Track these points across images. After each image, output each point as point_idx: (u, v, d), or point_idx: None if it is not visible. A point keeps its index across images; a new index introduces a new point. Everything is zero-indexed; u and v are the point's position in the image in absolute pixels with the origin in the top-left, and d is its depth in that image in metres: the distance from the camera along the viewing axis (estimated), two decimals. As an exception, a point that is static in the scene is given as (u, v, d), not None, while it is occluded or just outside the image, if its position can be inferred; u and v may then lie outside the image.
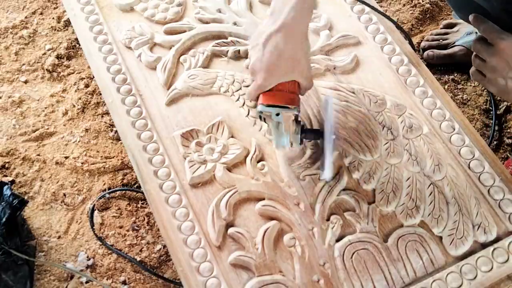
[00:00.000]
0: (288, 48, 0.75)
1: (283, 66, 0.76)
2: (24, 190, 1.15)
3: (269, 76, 0.76)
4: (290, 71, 0.77)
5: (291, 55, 0.75)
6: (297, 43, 0.76)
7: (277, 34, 0.75)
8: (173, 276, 1.04)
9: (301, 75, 0.78)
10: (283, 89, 0.78)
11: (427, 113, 0.94)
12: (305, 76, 0.79)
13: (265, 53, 0.75)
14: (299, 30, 0.76)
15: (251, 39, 0.81)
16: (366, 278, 0.80)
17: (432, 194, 0.86)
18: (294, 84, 0.79)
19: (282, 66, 0.76)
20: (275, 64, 0.75)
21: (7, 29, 1.38)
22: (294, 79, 0.78)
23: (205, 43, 1.02)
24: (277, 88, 0.78)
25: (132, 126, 0.93)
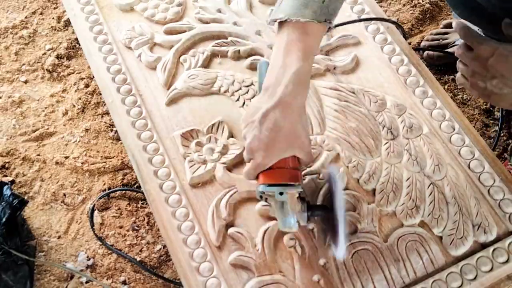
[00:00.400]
0: (287, 123, 0.71)
1: (282, 142, 0.72)
2: (24, 190, 1.15)
3: (268, 154, 0.72)
4: (290, 147, 0.73)
5: (290, 130, 0.72)
6: (296, 118, 0.72)
7: (274, 110, 0.71)
8: (173, 276, 1.04)
9: (301, 150, 0.74)
10: (284, 166, 0.74)
11: (427, 113, 0.94)
12: (305, 151, 0.75)
13: (263, 131, 0.71)
14: (297, 105, 0.72)
15: (245, 116, 0.76)
16: (366, 278, 0.80)
17: (432, 194, 0.86)
18: (294, 160, 0.75)
19: (282, 143, 0.72)
20: (274, 141, 0.72)
21: (7, 29, 1.38)
22: (294, 155, 0.74)
23: (205, 43, 1.02)
24: (277, 166, 0.73)
25: (132, 126, 0.93)
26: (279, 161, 0.73)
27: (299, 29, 0.72)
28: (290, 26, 0.72)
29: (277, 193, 0.73)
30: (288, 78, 0.71)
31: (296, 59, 0.71)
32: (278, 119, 0.71)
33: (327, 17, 0.73)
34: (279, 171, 0.74)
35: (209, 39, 1.02)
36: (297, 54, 0.71)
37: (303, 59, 0.72)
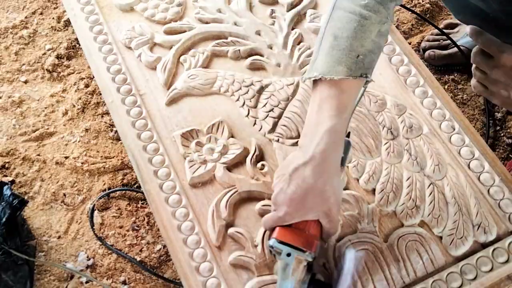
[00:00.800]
0: (317, 183, 0.69)
1: (309, 202, 0.69)
2: (24, 190, 1.15)
3: (292, 211, 0.70)
4: (315, 209, 0.70)
5: (319, 191, 0.69)
6: (327, 178, 0.70)
7: (305, 166, 0.69)
8: (173, 276, 1.04)
9: (326, 216, 0.71)
10: (303, 228, 0.70)
11: (427, 113, 0.94)
12: (331, 218, 0.72)
13: (290, 185, 0.70)
14: (330, 165, 0.70)
15: (279, 169, 0.75)
16: (366, 278, 0.80)
17: (432, 194, 0.86)
18: (317, 226, 0.71)
19: (308, 202, 0.69)
20: (300, 199, 0.69)
21: (7, 29, 1.38)
22: (318, 219, 0.71)
23: (205, 43, 1.02)
24: (297, 226, 0.70)
25: (132, 126, 0.93)
26: (301, 222, 0.70)
27: (333, 86, 0.70)
28: (324, 83, 0.71)
29: (284, 253, 0.69)
30: (320, 135, 0.70)
31: (329, 116, 0.70)
32: (308, 177, 0.69)
33: (363, 71, 0.71)
34: (296, 231, 0.70)
35: (209, 39, 1.02)
36: (330, 112, 0.70)
37: (336, 116, 0.70)
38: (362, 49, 0.71)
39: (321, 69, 0.71)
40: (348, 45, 0.70)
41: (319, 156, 0.69)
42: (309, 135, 0.71)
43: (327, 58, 0.71)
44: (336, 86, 0.70)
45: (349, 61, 0.70)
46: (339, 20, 0.72)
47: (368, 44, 0.71)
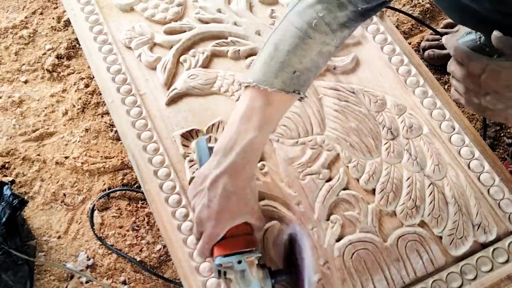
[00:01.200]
0: (237, 189, 0.70)
1: (233, 208, 0.70)
2: (24, 190, 1.15)
3: (219, 222, 0.69)
4: (240, 213, 0.71)
5: (239, 197, 0.70)
6: (245, 183, 0.71)
7: (223, 176, 0.69)
8: (173, 276, 1.04)
9: (252, 216, 0.72)
10: (237, 233, 0.71)
11: (427, 113, 0.94)
12: (256, 216, 0.73)
13: (212, 198, 0.69)
14: (246, 172, 0.71)
15: (192, 187, 0.73)
16: (366, 278, 0.80)
17: (432, 194, 0.86)
18: (246, 225, 0.72)
19: (232, 209, 0.70)
20: (224, 208, 0.69)
21: (7, 29, 1.38)
22: (247, 221, 0.72)
23: (205, 43, 1.02)
24: (230, 234, 0.70)
25: (132, 126, 0.93)
26: (231, 229, 0.70)
27: (264, 97, 0.70)
28: (256, 92, 0.70)
29: (235, 262, 0.69)
30: (241, 146, 0.69)
31: (253, 127, 0.69)
32: (227, 186, 0.69)
33: (296, 87, 0.70)
34: (234, 239, 0.70)
35: (209, 39, 1.02)
36: (256, 123, 0.69)
37: (260, 128, 0.70)
38: (299, 66, 0.70)
39: (257, 76, 0.70)
40: (287, 59, 0.70)
41: (238, 165, 0.70)
42: (228, 143, 0.70)
43: (264, 67, 0.70)
44: (267, 97, 0.70)
45: (285, 75, 0.70)
46: (284, 32, 0.71)
47: (307, 62, 0.71)
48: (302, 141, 0.91)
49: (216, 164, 0.70)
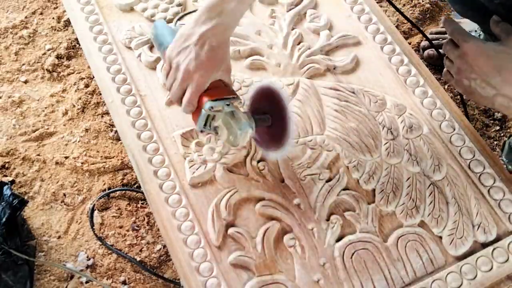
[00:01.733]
0: (220, 45, 0.78)
1: (217, 61, 0.78)
2: (24, 190, 1.15)
3: (206, 71, 0.77)
4: (222, 66, 0.79)
5: (222, 52, 0.79)
6: (226, 43, 0.80)
7: (209, 33, 0.77)
8: (173, 276, 1.04)
9: (227, 74, 0.81)
10: (218, 86, 0.79)
11: (427, 113, 0.94)
12: (229, 74, 0.82)
13: (199, 52, 0.76)
14: (227, 33, 0.80)
15: (174, 45, 0.80)
16: (366, 278, 0.80)
17: (432, 194, 0.86)
18: (224, 82, 0.81)
19: (216, 62, 0.78)
20: (211, 59, 0.77)
21: (7, 29, 1.38)
22: (221, 78, 0.80)
23: (205, 43, 1.02)
24: (212, 86, 0.78)
25: (132, 126, 0.93)
26: (211, 85, 0.78)
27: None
28: None
29: (224, 105, 0.77)
30: (226, 11, 0.77)
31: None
32: (213, 42, 0.77)
33: None
34: (218, 89, 0.78)
35: (209, 39, 1.02)
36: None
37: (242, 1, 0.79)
38: None
39: None
40: None
41: (222, 27, 0.78)
42: (215, 7, 0.77)
43: None
44: None
45: None
46: None
47: None
48: (302, 141, 0.91)
49: (202, 22, 0.78)
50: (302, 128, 0.92)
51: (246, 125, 0.77)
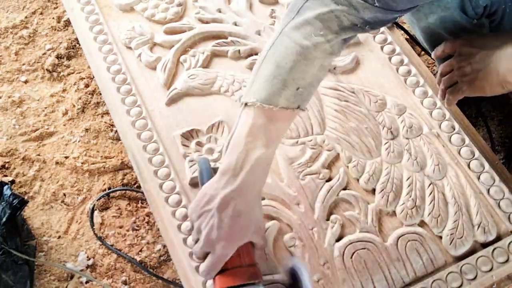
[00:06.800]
0: (247, 209, 0.69)
1: (243, 228, 0.69)
2: (24, 190, 1.15)
3: (229, 242, 0.68)
4: (248, 232, 0.70)
5: (249, 216, 0.70)
6: (254, 202, 0.71)
7: (234, 195, 0.68)
8: (173, 276, 1.04)
9: (258, 235, 0.72)
10: (241, 264, 0.69)
11: (427, 113, 0.94)
12: (261, 235, 0.73)
13: (223, 219, 0.68)
14: (256, 190, 0.71)
15: (195, 206, 0.71)
16: (366, 278, 0.80)
17: (432, 194, 0.86)
18: (250, 252, 0.71)
19: (242, 229, 0.69)
20: (235, 228, 0.68)
21: (7, 29, 1.38)
22: (252, 240, 0.71)
23: (205, 43, 1.02)
24: (232, 265, 0.69)
25: (132, 126, 0.93)
26: (234, 258, 0.69)
27: (268, 115, 0.69)
28: (259, 110, 0.69)
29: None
30: (250, 164, 0.68)
31: (261, 145, 0.69)
32: (238, 205, 0.68)
33: (300, 103, 0.70)
34: (237, 270, 0.69)
35: (209, 39, 1.02)
36: (262, 140, 0.69)
37: (267, 145, 0.69)
38: (302, 82, 0.70)
39: (259, 95, 0.69)
40: (290, 77, 0.69)
41: (248, 184, 0.69)
42: (237, 162, 0.69)
43: (266, 86, 0.69)
44: (271, 115, 0.69)
45: (289, 93, 0.69)
46: (283, 49, 0.70)
47: (309, 77, 0.70)
48: (302, 141, 0.91)
49: (225, 183, 0.69)
50: (302, 128, 0.92)
51: None
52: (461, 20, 0.88)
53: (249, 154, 0.68)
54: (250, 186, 0.69)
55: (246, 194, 0.69)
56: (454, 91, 0.85)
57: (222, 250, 0.68)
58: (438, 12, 0.88)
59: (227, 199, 0.68)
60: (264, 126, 0.69)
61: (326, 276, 0.80)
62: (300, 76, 0.69)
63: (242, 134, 0.69)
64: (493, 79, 0.77)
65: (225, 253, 0.68)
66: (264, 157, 0.69)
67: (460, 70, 0.82)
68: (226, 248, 0.68)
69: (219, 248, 0.68)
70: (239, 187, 0.68)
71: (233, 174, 0.69)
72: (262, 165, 0.70)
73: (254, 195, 0.71)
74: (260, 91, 0.69)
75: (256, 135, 0.69)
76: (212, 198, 0.69)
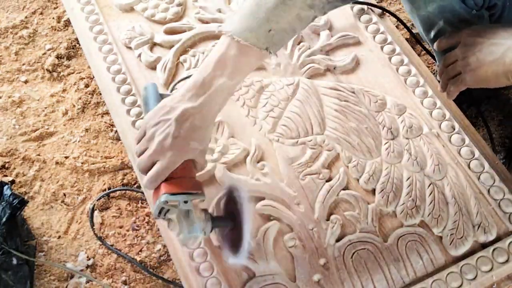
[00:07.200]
0: (202, 126, 0.73)
1: (195, 142, 0.73)
2: (24, 190, 1.15)
3: (179, 152, 0.72)
4: (196, 149, 0.74)
5: (203, 134, 0.74)
6: (210, 123, 0.75)
7: (194, 112, 0.72)
8: (173, 276, 1.03)
9: (202, 154, 0.76)
10: (185, 175, 0.72)
11: (427, 113, 0.94)
12: (204, 155, 0.77)
13: (179, 130, 0.71)
14: (213, 112, 0.75)
15: (153, 114, 0.74)
16: (366, 278, 0.80)
17: (432, 194, 0.86)
18: (192, 167, 0.75)
19: (194, 143, 0.73)
20: (188, 140, 0.72)
21: (7, 29, 1.38)
22: (195, 158, 0.74)
23: (205, 43, 1.02)
24: (177, 175, 0.72)
25: (132, 126, 0.93)
26: (178, 169, 0.72)
27: (240, 48, 0.73)
28: (233, 41, 0.73)
29: (181, 201, 0.70)
30: (214, 88, 0.73)
31: (227, 74, 0.73)
32: (196, 121, 0.73)
33: (269, 45, 0.73)
34: (182, 180, 0.72)
35: (209, 39, 1.02)
36: (229, 70, 0.73)
37: (233, 77, 0.74)
38: (276, 26, 0.73)
39: (234, 27, 0.73)
40: (264, 17, 0.73)
41: (209, 105, 0.74)
42: (202, 83, 0.73)
43: (242, 20, 0.73)
44: (241, 49, 0.73)
45: (261, 32, 0.73)
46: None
47: (284, 23, 0.74)
48: (302, 141, 0.91)
49: (188, 99, 0.73)
50: (302, 128, 0.92)
51: (196, 229, 0.71)
52: (460, 10, 0.88)
53: (215, 79, 0.73)
54: (209, 108, 0.74)
55: (204, 113, 0.73)
56: (457, 82, 0.84)
57: (171, 158, 0.71)
58: (438, 1, 0.88)
59: (187, 113, 0.72)
60: (234, 57, 0.73)
61: (326, 276, 0.80)
62: (275, 19, 0.73)
63: (213, 59, 0.74)
64: (499, 69, 0.77)
65: (174, 161, 0.71)
66: (226, 86, 0.74)
67: (464, 60, 0.81)
68: (176, 157, 0.71)
69: (169, 155, 0.71)
70: (199, 106, 0.73)
71: (196, 93, 0.73)
72: (223, 93, 0.74)
73: (211, 117, 0.75)
74: (236, 23, 0.73)
75: (225, 63, 0.73)
76: (172, 110, 0.73)
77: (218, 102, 0.75)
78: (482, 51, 0.79)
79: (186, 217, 0.71)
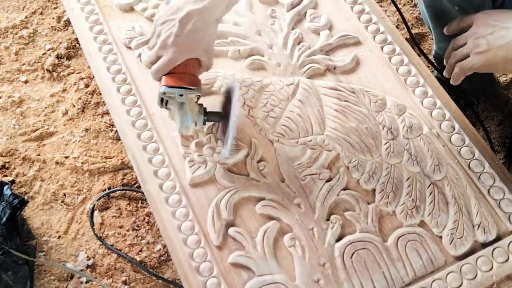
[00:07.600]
0: (205, 27, 0.80)
1: (197, 42, 0.80)
2: (24, 190, 1.15)
3: (182, 50, 0.79)
4: (200, 48, 0.80)
5: (205, 34, 0.80)
6: (212, 25, 0.81)
7: (197, 13, 0.78)
8: (173, 276, 1.04)
9: (206, 54, 0.82)
10: (185, 71, 0.81)
11: (427, 113, 0.94)
12: (209, 55, 0.83)
13: (182, 30, 0.78)
14: (216, 15, 0.81)
15: (162, 13, 0.81)
16: (366, 278, 0.80)
17: (432, 194, 0.86)
18: (196, 66, 0.82)
19: (196, 42, 0.80)
20: (190, 39, 0.79)
21: (7, 29, 1.38)
22: (200, 57, 0.82)
23: (205, 43, 1.02)
24: (179, 71, 0.81)
25: (132, 126, 0.93)
26: (182, 65, 0.80)
27: None
28: None
29: (177, 94, 0.80)
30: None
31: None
32: (197, 23, 0.78)
33: None
34: (181, 75, 0.81)
35: (209, 39, 1.02)
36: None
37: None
38: None
39: None
40: None
41: (211, 8, 0.79)
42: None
43: None
44: None
45: None
46: None
47: None
48: (302, 141, 0.91)
49: (193, 1, 0.79)
50: (302, 128, 0.92)
51: (188, 119, 0.81)
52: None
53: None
54: (212, 12, 0.80)
55: (207, 16, 0.79)
56: (464, 65, 0.82)
57: (172, 54, 0.79)
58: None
59: (190, 15, 0.78)
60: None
61: (326, 276, 0.80)
62: None
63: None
64: (509, 55, 0.76)
65: (175, 57, 0.79)
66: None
67: (474, 41, 0.80)
68: (176, 54, 0.79)
69: (171, 52, 0.79)
70: (203, 8, 0.79)
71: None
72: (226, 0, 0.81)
73: (213, 20, 0.81)
74: None
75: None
76: (178, 10, 0.79)
77: (221, 8, 0.80)
78: (494, 34, 0.78)
79: (181, 109, 0.81)
